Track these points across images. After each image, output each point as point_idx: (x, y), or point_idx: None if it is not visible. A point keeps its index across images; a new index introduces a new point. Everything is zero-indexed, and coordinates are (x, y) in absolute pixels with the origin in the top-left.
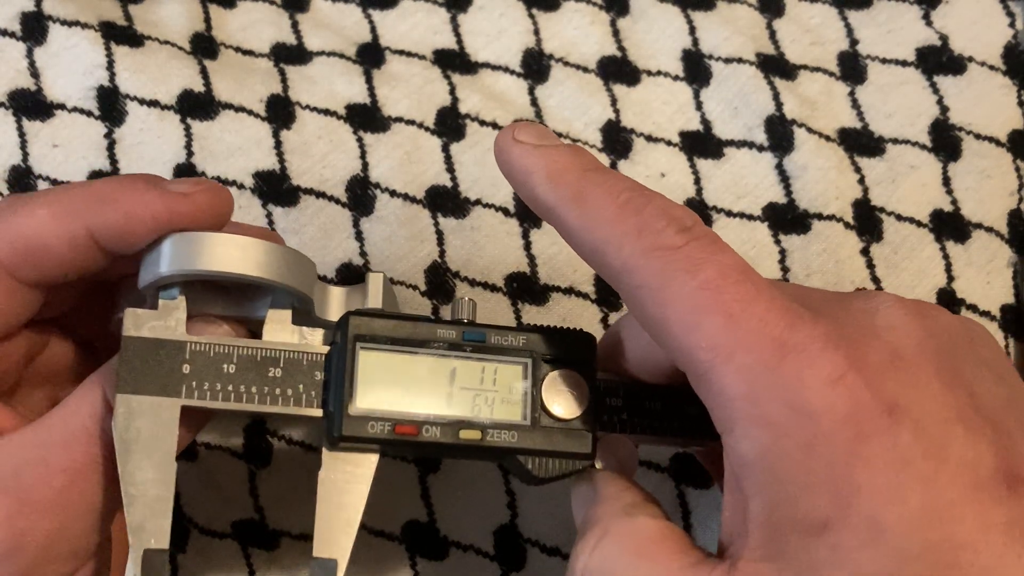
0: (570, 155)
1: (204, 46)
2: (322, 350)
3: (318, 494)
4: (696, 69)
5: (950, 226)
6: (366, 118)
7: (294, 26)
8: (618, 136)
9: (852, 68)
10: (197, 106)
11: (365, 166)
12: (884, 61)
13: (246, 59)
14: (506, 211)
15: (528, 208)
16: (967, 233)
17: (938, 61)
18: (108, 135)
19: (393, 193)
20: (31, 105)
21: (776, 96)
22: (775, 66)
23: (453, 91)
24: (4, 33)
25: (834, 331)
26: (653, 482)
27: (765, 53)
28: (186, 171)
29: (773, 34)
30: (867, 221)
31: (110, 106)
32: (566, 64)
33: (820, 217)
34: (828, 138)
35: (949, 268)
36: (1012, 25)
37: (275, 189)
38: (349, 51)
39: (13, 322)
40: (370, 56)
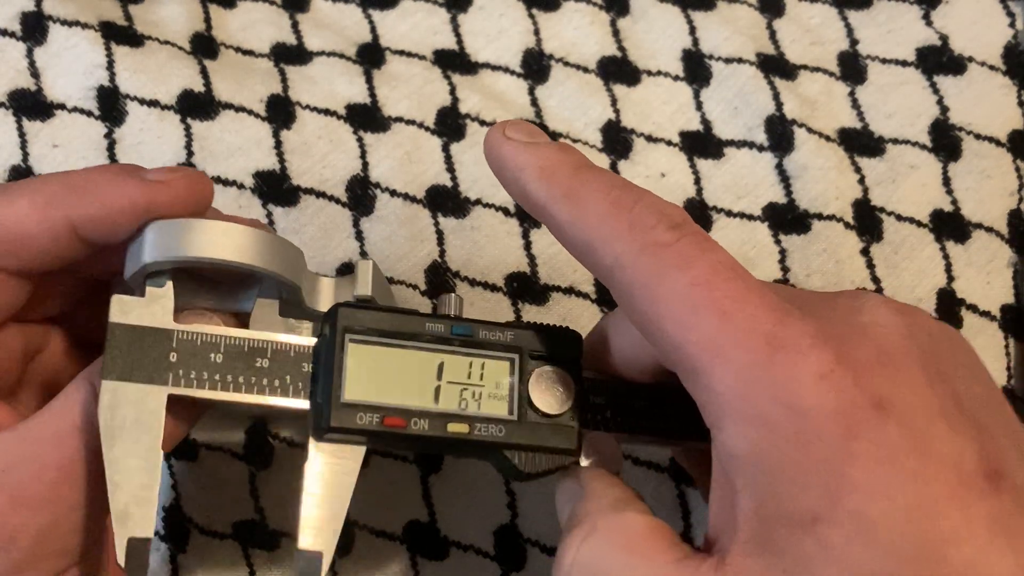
0: (561, 153)
1: (204, 46)
2: (310, 341)
3: (304, 486)
4: (696, 69)
5: (950, 226)
6: (366, 118)
7: (294, 26)
8: (618, 136)
9: (852, 68)
10: (197, 106)
11: (365, 166)
12: (884, 61)
13: (246, 59)
14: (506, 211)
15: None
16: (967, 233)
17: (938, 61)
18: (108, 135)
19: (393, 193)
20: (31, 105)
21: (776, 96)
22: (775, 66)
23: (453, 91)
24: (4, 33)
25: (822, 328)
26: (653, 482)
27: (765, 53)
28: None
29: (773, 34)
30: (867, 221)
31: (110, 106)
32: (566, 64)
33: (820, 217)
34: (828, 138)
35: (949, 268)
36: (1012, 25)
37: (275, 189)
38: (349, 51)
39: (1, 311)
40: (370, 56)
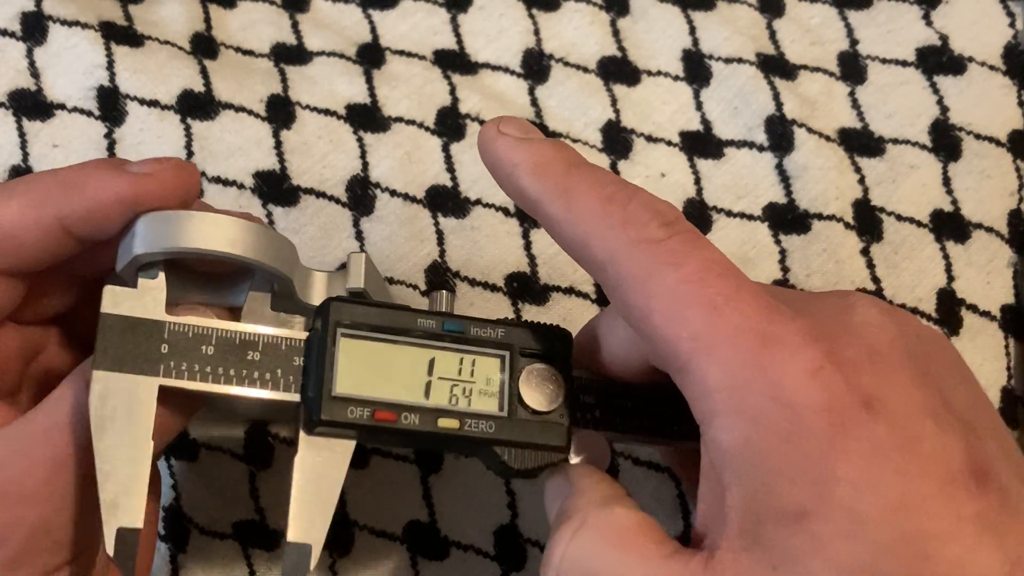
0: (555, 149)
1: (204, 46)
2: (301, 335)
3: (294, 479)
4: (696, 69)
5: (950, 226)
6: (366, 118)
7: (294, 26)
8: (618, 136)
9: (852, 68)
10: (197, 106)
11: (365, 166)
12: (884, 61)
13: (246, 59)
14: (506, 211)
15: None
16: (967, 233)
17: (938, 61)
18: (108, 135)
19: (393, 193)
20: (31, 105)
21: (776, 96)
22: (775, 66)
23: (453, 91)
24: (4, 33)
25: (813, 326)
26: (653, 482)
27: (765, 53)
28: None
29: (773, 34)
30: (867, 221)
31: (110, 106)
32: (566, 64)
33: (820, 217)
34: (828, 138)
35: (949, 268)
36: (1012, 25)
37: (275, 189)
38: (349, 51)
39: None
40: (370, 56)
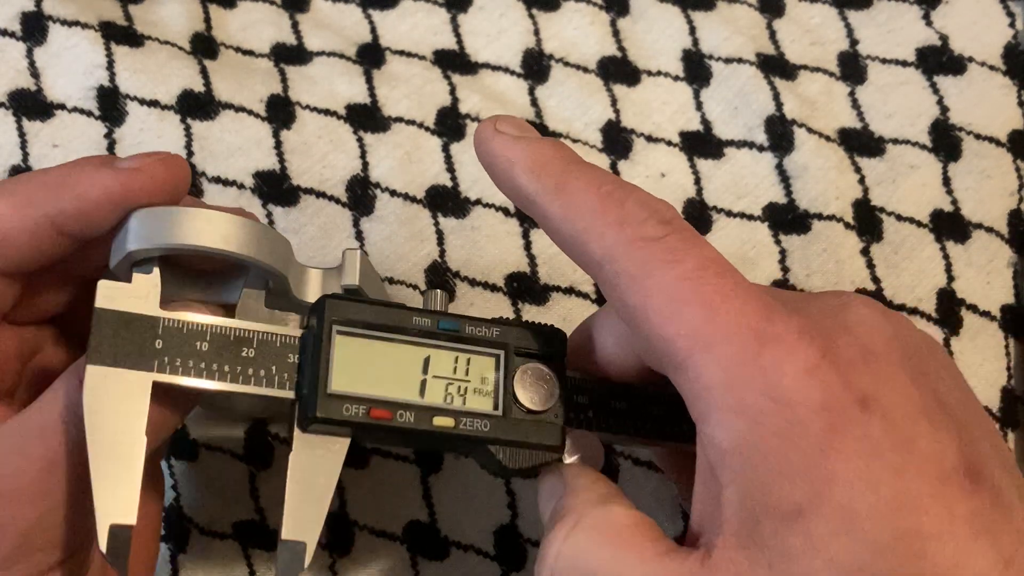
0: (552, 148)
1: (204, 46)
2: (296, 333)
3: (288, 476)
4: (696, 69)
5: (950, 226)
6: (366, 118)
7: (294, 26)
8: (618, 136)
9: (852, 68)
10: (197, 106)
11: (365, 166)
12: (884, 61)
13: (246, 59)
14: (506, 211)
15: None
16: (967, 233)
17: (938, 61)
18: (108, 135)
19: (393, 193)
20: (31, 105)
21: (776, 96)
22: (775, 66)
23: (453, 91)
24: (4, 33)
25: (809, 325)
26: (653, 482)
27: (765, 53)
28: None
29: (773, 34)
30: (867, 221)
31: (110, 106)
32: (566, 64)
33: (820, 217)
34: (828, 138)
35: (949, 268)
36: (1012, 25)
37: (275, 189)
38: (349, 51)
39: None
40: (370, 56)
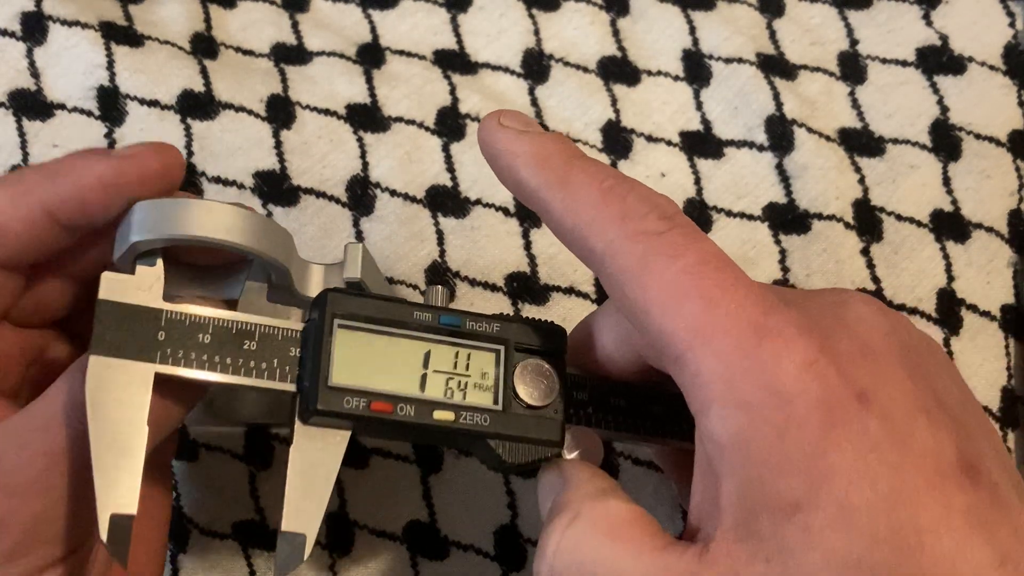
0: (555, 142)
1: (204, 46)
2: (297, 326)
3: (288, 468)
4: (696, 69)
5: (950, 226)
6: (366, 118)
7: (294, 26)
8: (618, 136)
9: (852, 68)
10: (197, 106)
11: (365, 166)
12: (884, 61)
13: (246, 59)
14: (506, 211)
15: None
16: (967, 233)
17: (938, 61)
18: (108, 135)
19: (393, 193)
20: (31, 105)
21: (776, 96)
22: (775, 66)
23: (453, 91)
24: (4, 33)
25: (807, 320)
26: (653, 482)
27: (765, 53)
28: (186, 171)
29: (773, 34)
30: (867, 221)
31: (110, 106)
32: (566, 64)
33: (820, 217)
34: (828, 138)
35: (949, 268)
36: (1012, 25)
37: (275, 189)
38: (349, 51)
39: None
40: (370, 56)
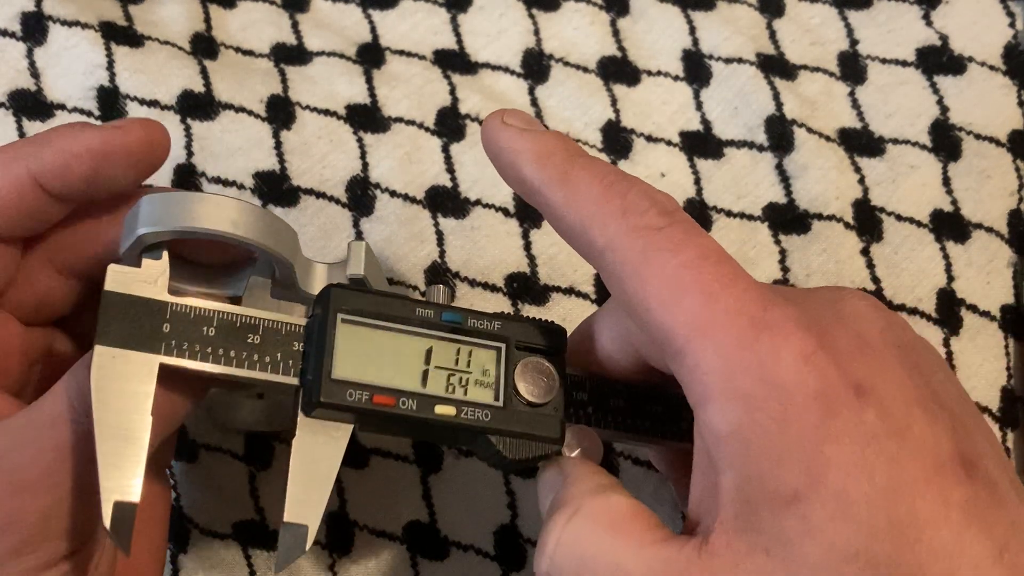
0: (557, 140)
1: (204, 46)
2: (301, 321)
3: (291, 460)
4: (696, 69)
5: (950, 226)
6: (366, 118)
7: (294, 26)
8: (618, 136)
9: (852, 68)
10: (197, 106)
11: (365, 166)
12: (884, 61)
13: (246, 59)
14: (506, 211)
15: (528, 208)
16: (967, 233)
17: (938, 61)
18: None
19: (393, 193)
20: (31, 105)
21: (776, 96)
22: (775, 66)
23: (453, 91)
24: (4, 33)
25: (805, 315)
26: (653, 482)
27: (765, 53)
28: (186, 171)
29: (773, 34)
30: (867, 221)
31: (110, 106)
32: (566, 64)
33: (820, 217)
34: (828, 138)
35: (949, 268)
36: (1012, 25)
37: (275, 189)
38: (349, 51)
39: None
40: (370, 56)
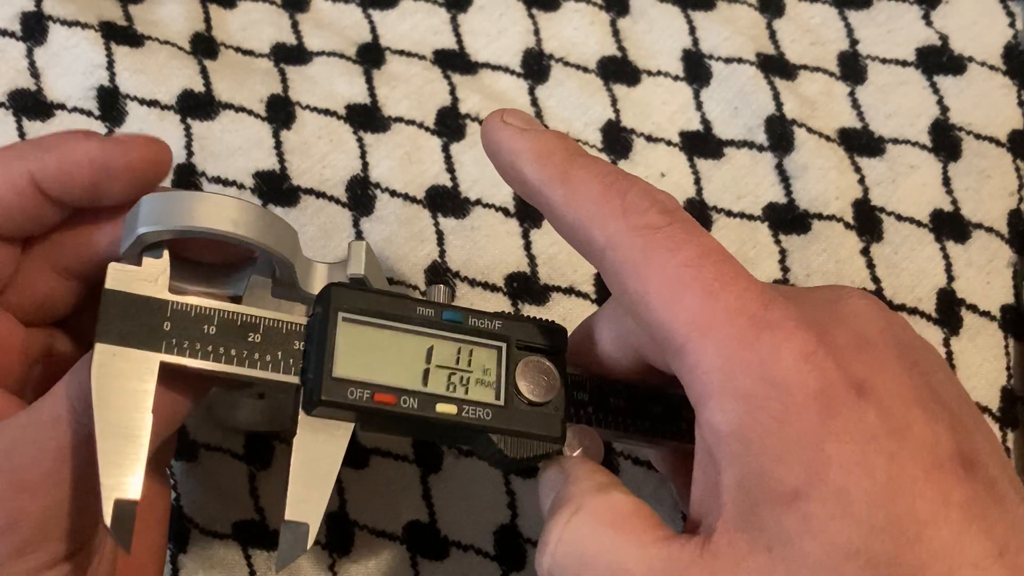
0: (557, 139)
1: (204, 46)
2: (301, 320)
3: (292, 459)
4: (696, 69)
5: (950, 226)
6: (366, 118)
7: (294, 26)
8: (618, 136)
9: (852, 68)
10: (197, 106)
11: (365, 166)
12: (884, 61)
13: (246, 59)
14: (506, 211)
15: (528, 208)
16: (967, 233)
17: (938, 61)
18: (108, 135)
19: (393, 193)
20: (31, 105)
21: (776, 96)
22: (775, 66)
23: (453, 91)
24: (4, 33)
25: (805, 313)
26: (653, 482)
27: (765, 53)
28: (186, 171)
29: (773, 34)
30: (867, 221)
31: (110, 106)
32: (566, 64)
33: (820, 217)
34: (828, 138)
35: (949, 268)
36: (1012, 25)
37: (275, 189)
38: (349, 51)
39: None
40: (370, 56)
